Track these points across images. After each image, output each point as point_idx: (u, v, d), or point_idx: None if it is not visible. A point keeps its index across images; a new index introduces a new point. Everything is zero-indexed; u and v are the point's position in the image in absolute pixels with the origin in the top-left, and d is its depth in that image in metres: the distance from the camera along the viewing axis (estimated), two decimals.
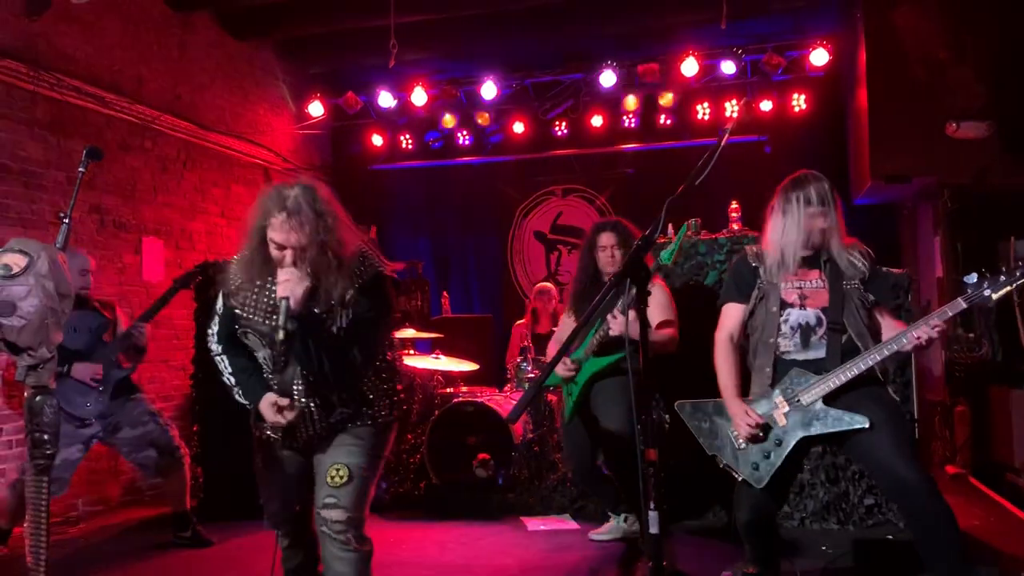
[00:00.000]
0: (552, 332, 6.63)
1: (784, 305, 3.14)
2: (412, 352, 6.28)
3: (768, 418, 3.05)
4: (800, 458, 3.18)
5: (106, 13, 6.13)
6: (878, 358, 2.94)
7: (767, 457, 3.06)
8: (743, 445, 3.10)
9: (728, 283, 3.38)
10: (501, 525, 4.95)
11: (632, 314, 3.54)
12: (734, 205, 5.36)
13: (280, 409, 2.64)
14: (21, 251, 2.10)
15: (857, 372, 2.94)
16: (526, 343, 6.29)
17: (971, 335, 5.91)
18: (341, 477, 2.68)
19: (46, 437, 2.12)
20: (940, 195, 6.45)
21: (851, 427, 2.91)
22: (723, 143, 2.28)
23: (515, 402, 4.31)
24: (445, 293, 8.19)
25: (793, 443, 3.00)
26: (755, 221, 3.74)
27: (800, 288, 3.15)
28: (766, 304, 3.17)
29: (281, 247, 2.58)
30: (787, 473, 3.12)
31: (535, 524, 4.92)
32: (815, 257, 3.16)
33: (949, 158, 6.07)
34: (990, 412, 6.05)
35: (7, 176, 5.30)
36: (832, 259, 3.13)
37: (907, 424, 3.17)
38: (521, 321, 6.97)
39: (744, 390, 3.18)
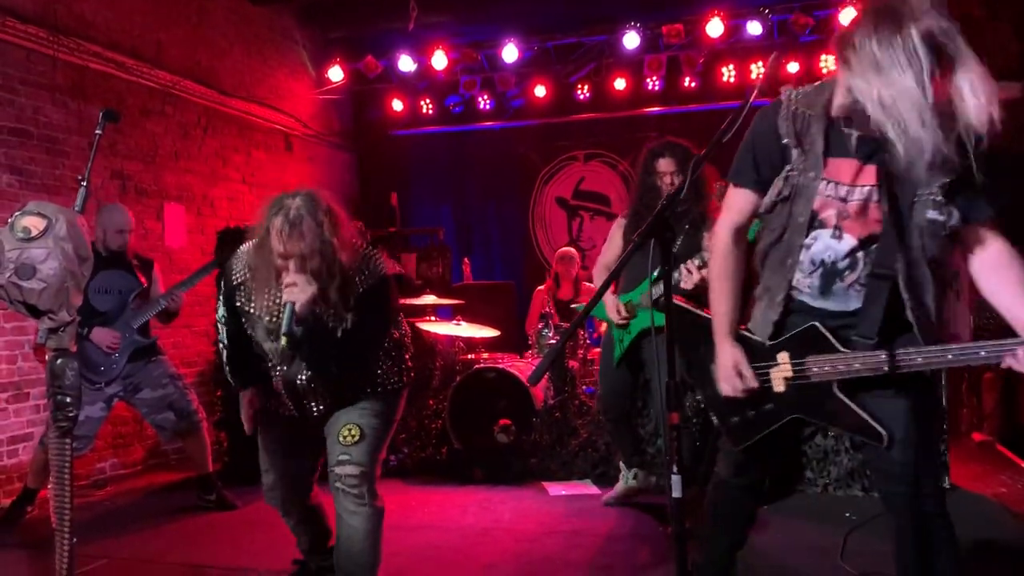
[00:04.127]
0: (573, 299, 6.62)
1: (814, 219, 2.09)
2: (433, 318, 6.28)
3: (763, 376, 2.21)
4: (799, 431, 2.44)
5: None
6: (942, 360, 1.93)
7: (754, 416, 2.26)
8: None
9: (742, 154, 2.24)
10: (522, 490, 4.96)
11: (699, 273, 3.51)
12: None
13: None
14: (39, 214, 2.09)
15: (904, 370, 1.99)
16: (547, 309, 6.26)
17: None
18: (353, 436, 2.77)
19: (68, 400, 2.13)
20: None
21: (859, 437, 2.13)
22: (749, 103, 2.21)
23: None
24: (466, 259, 8.16)
25: (785, 419, 2.23)
26: None
27: (844, 199, 2.05)
28: (791, 207, 2.12)
29: (284, 257, 2.62)
30: (779, 442, 2.34)
31: (556, 489, 4.93)
32: (878, 142, 1.93)
33: None
34: (1019, 378, 5.94)
35: (29, 142, 5.31)
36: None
37: (941, 413, 2.49)
38: (542, 287, 6.93)
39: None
